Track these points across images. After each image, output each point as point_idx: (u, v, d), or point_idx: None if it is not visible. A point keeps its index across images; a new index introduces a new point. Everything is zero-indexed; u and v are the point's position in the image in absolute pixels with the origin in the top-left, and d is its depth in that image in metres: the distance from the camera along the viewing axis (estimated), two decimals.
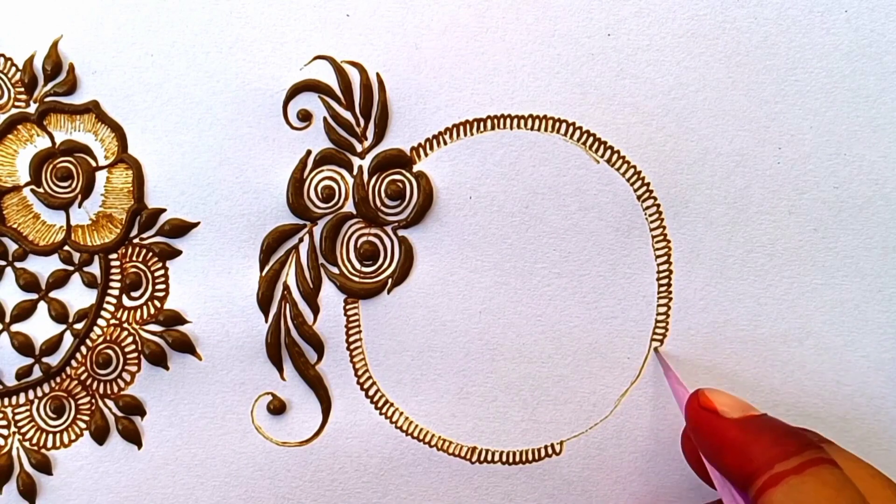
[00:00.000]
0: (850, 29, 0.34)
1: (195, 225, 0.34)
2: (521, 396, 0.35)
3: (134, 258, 0.34)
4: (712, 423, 0.28)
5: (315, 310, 0.35)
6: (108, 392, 0.35)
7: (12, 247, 0.34)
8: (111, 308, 0.35)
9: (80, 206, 0.34)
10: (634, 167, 0.34)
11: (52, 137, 0.34)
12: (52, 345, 0.34)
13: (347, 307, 0.35)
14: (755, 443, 0.27)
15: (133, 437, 0.35)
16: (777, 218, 0.34)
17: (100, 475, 0.35)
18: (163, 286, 0.34)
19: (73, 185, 0.34)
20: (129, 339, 0.35)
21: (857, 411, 0.34)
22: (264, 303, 0.34)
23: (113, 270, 0.35)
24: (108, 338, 0.35)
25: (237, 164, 0.34)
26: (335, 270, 0.35)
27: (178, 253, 0.34)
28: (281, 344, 0.35)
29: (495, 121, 0.34)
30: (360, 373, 0.35)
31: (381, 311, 0.35)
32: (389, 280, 0.35)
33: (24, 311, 0.34)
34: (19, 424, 0.35)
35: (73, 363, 0.35)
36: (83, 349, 0.34)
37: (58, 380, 0.35)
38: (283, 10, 0.34)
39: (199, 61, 0.34)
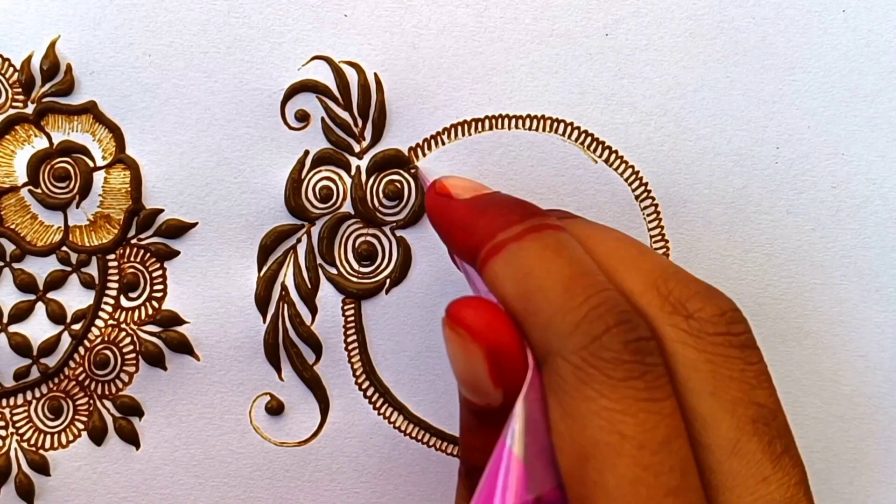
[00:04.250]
0: (849, 29, 0.34)
1: (193, 225, 0.34)
2: None
3: (132, 259, 0.34)
4: (444, 205, 0.28)
5: (313, 310, 0.35)
6: (106, 393, 0.35)
7: (10, 247, 0.34)
8: (109, 309, 0.35)
9: (77, 207, 0.34)
10: (632, 167, 0.34)
11: (49, 138, 0.34)
12: (50, 345, 0.34)
13: (345, 307, 0.35)
14: (480, 217, 0.26)
15: (131, 437, 0.35)
16: (775, 218, 0.34)
17: (98, 476, 0.35)
18: (161, 287, 0.34)
19: (71, 186, 0.34)
20: (127, 340, 0.35)
21: (856, 411, 0.34)
22: (262, 303, 0.34)
23: (111, 271, 0.34)
24: (105, 338, 0.34)
25: (235, 164, 0.34)
26: (333, 271, 0.35)
27: (175, 253, 0.34)
28: (279, 344, 0.35)
29: (493, 121, 0.34)
30: (358, 373, 0.35)
31: (379, 312, 0.35)
32: (388, 280, 0.34)
33: (21, 312, 0.34)
34: (17, 425, 0.35)
35: (71, 364, 0.35)
36: (81, 350, 0.34)
37: (55, 380, 0.35)
38: (280, 10, 0.34)
39: (196, 61, 0.34)
